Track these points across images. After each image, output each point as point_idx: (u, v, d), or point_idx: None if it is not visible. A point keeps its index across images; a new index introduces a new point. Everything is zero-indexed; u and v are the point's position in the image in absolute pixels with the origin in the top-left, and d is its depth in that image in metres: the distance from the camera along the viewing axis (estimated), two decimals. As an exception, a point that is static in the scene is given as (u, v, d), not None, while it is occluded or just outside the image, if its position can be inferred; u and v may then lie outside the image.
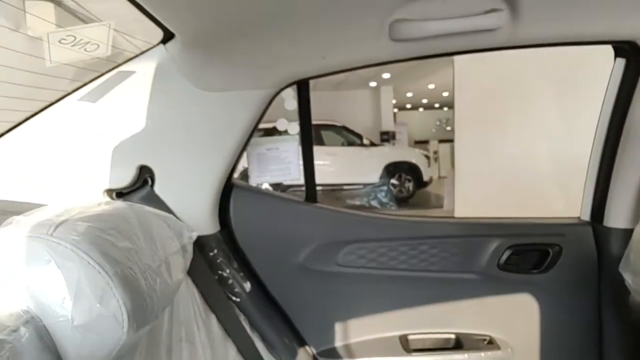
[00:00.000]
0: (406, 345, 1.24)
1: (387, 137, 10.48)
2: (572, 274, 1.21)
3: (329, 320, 1.26)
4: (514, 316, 1.26)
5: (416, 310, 1.27)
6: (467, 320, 1.28)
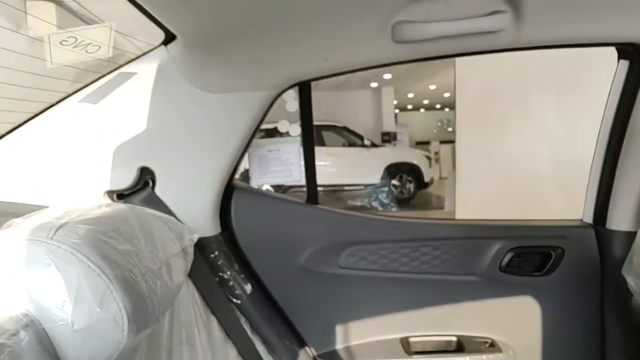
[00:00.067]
0: (407, 348, 1.23)
1: (389, 137, 10.47)
2: (575, 276, 1.20)
3: (330, 323, 1.25)
4: (515, 319, 1.26)
5: (417, 312, 1.26)
6: (469, 322, 1.27)
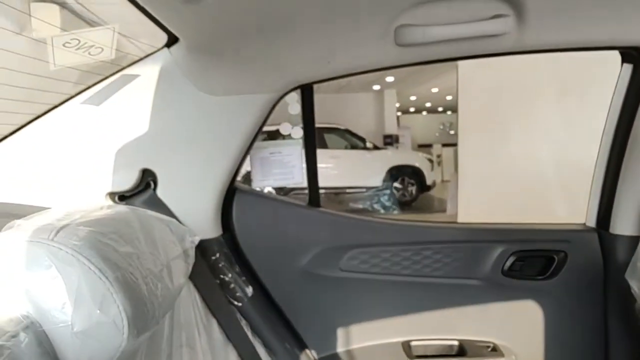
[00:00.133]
0: (409, 352, 1.23)
1: (391, 140, 10.47)
2: (578, 281, 1.20)
3: (331, 326, 1.25)
4: (518, 323, 1.25)
5: (419, 316, 1.26)
6: (471, 326, 1.26)
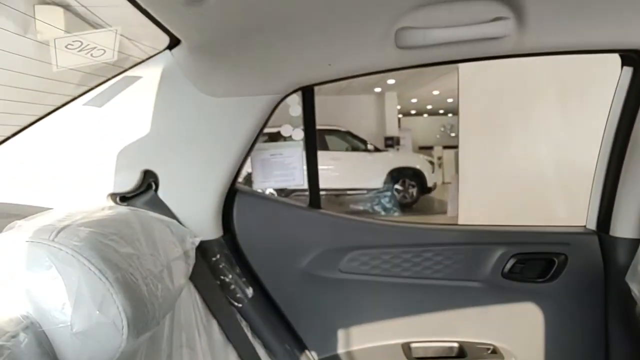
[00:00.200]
0: (409, 354, 1.23)
1: (392, 142, 10.47)
2: (578, 283, 1.19)
3: (331, 327, 1.25)
4: (518, 325, 1.25)
5: (419, 318, 1.26)
6: (471, 328, 1.26)
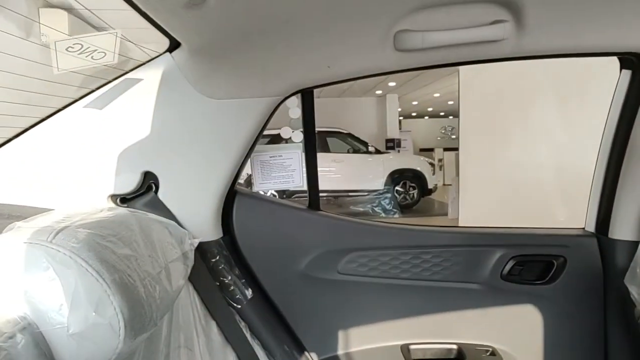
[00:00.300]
0: (408, 355, 1.23)
1: (393, 144, 10.49)
2: (577, 285, 1.19)
3: (330, 328, 1.25)
4: (517, 327, 1.25)
5: (418, 319, 1.26)
6: (470, 330, 1.26)
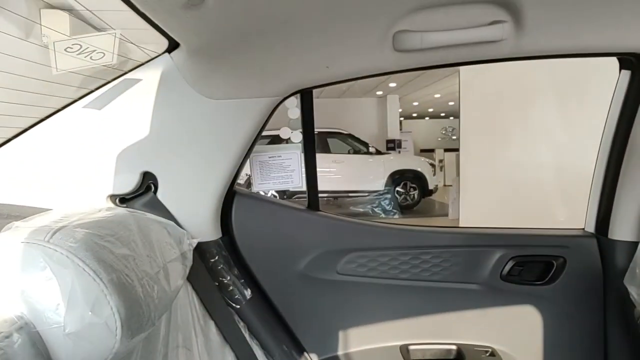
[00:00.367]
0: (407, 356, 1.23)
1: (393, 145, 10.49)
2: (576, 286, 1.19)
3: (329, 329, 1.25)
4: (516, 328, 1.25)
5: (417, 320, 1.26)
6: (469, 331, 1.26)
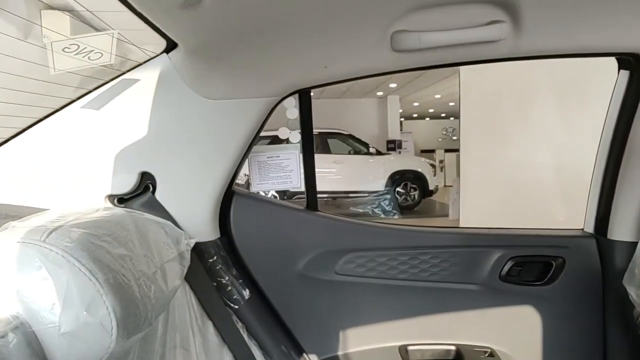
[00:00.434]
0: (406, 356, 1.23)
1: (394, 145, 10.49)
2: (575, 286, 1.19)
3: (327, 329, 1.25)
4: (515, 328, 1.25)
5: (416, 320, 1.26)
6: (468, 331, 1.26)
